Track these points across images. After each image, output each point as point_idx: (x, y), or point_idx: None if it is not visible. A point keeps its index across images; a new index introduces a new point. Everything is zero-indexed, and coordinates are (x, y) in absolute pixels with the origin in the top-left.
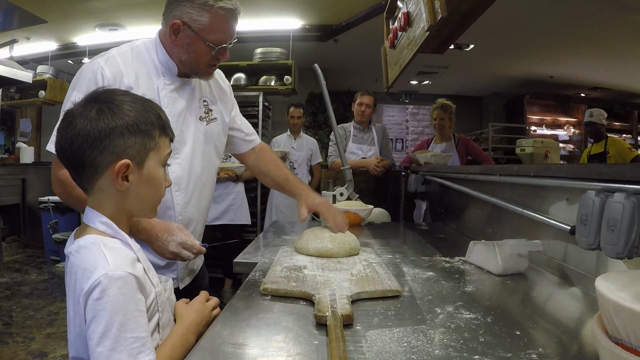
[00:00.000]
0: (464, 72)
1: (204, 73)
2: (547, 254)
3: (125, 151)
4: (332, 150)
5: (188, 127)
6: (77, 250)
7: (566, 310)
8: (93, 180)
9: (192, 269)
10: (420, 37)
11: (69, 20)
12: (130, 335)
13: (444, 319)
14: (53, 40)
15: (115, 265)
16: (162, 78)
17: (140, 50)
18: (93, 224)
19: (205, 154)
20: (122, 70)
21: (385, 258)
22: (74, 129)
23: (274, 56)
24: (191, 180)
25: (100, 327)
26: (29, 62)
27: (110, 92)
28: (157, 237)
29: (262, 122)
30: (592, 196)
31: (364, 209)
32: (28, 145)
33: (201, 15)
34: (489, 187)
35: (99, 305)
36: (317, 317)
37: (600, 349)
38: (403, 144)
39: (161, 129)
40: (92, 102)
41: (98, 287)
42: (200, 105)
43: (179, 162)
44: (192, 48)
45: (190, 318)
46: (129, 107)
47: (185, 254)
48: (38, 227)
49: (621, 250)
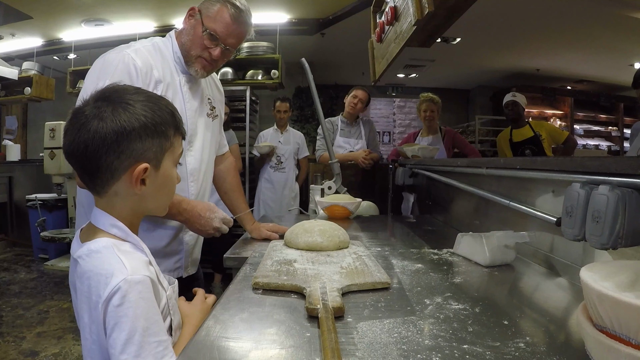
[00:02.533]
0: (451, 65)
1: (194, 63)
2: (533, 245)
3: (143, 154)
4: (320, 144)
5: (200, 122)
6: (89, 254)
7: (553, 300)
8: (108, 184)
9: (196, 258)
10: (407, 31)
11: (54, 15)
12: (154, 340)
13: (433, 310)
14: (38, 36)
15: (133, 269)
16: (181, 75)
17: (160, 46)
18: (104, 226)
19: (211, 148)
20: (151, 63)
21: (374, 251)
22: (87, 132)
23: (261, 50)
24: (202, 172)
25: (123, 334)
26: (14, 58)
27: (121, 90)
28: (199, 216)
29: (249, 117)
30: (577, 188)
31: (352, 202)
32: (14, 143)
33: (214, 5)
34: (476, 180)
35: (121, 312)
36: (309, 309)
37: (585, 336)
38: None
39: (175, 128)
40: (104, 102)
41: (118, 293)
42: (206, 103)
43: (193, 154)
44: (192, 31)
45: (197, 318)
46: (144, 106)
47: (224, 228)
48: (26, 225)
49: (606, 241)
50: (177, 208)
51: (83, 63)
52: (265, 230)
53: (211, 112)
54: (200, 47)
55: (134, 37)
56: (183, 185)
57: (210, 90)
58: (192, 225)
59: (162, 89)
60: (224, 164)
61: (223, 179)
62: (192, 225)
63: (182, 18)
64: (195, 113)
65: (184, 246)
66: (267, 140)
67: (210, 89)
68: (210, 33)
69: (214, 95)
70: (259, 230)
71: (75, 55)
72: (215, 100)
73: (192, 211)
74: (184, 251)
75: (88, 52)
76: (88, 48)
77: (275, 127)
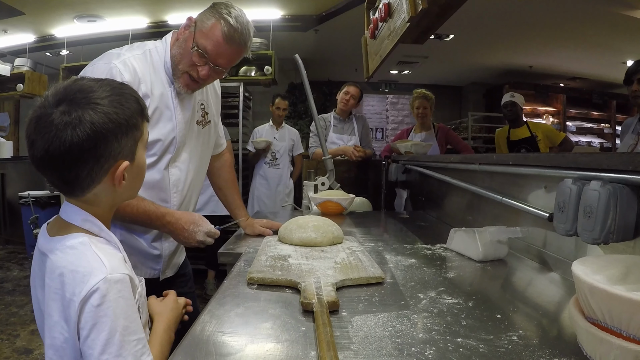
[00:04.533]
0: (444, 62)
1: (179, 78)
2: (526, 241)
3: (121, 152)
4: (313, 141)
5: (189, 132)
6: (62, 250)
7: (545, 294)
8: (89, 189)
9: (176, 263)
10: (400, 28)
11: (46, 11)
12: (133, 338)
13: (426, 304)
14: (30, 33)
15: (113, 267)
16: (172, 85)
17: (153, 54)
18: (75, 221)
19: (200, 157)
20: (139, 77)
21: (367, 246)
22: (63, 143)
23: (254, 46)
24: (187, 183)
25: (103, 335)
26: (6, 54)
27: (85, 88)
28: (183, 229)
29: (242, 113)
30: (569, 184)
31: (346, 198)
32: (6, 140)
33: (209, 19)
34: (469, 176)
35: (100, 312)
36: (304, 304)
37: (577, 329)
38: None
39: (142, 115)
40: (71, 105)
41: (97, 293)
42: (198, 109)
43: (178, 164)
44: (184, 44)
45: (169, 315)
46: (112, 102)
47: (209, 240)
48: (18, 223)
49: (597, 236)
50: (161, 221)
51: (76, 59)
52: (259, 226)
53: (202, 119)
54: (189, 63)
55: (127, 33)
56: (165, 195)
57: (204, 94)
58: (176, 237)
59: (150, 104)
60: (220, 161)
61: (218, 175)
62: (176, 237)
63: (176, 14)
64: (186, 125)
65: (162, 251)
66: (262, 136)
67: (204, 92)
68: (199, 50)
69: (209, 98)
70: (253, 226)
71: (67, 52)
72: (210, 104)
73: (175, 224)
74: (162, 256)
75: (81, 48)
76: (81, 44)
77: (271, 123)
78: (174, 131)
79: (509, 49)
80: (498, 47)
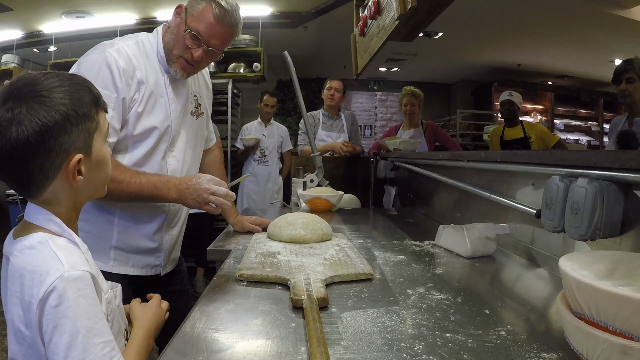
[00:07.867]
0: (433, 60)
1: (174, 63)
2: (514, 237)
3: (73, 145)
4: (302, 139)
5: (184, 121)
6: (21, 251)
7: (533, 290)
8: (44, 186)
9: (175, 257)
10: (390, 26)
11: (34, 7)
12: (99, 341)
13: (415, 300)
14: (18, 29)
15: (71, 264)
16: (165, 74)
17: (145, 45)
18: (38, 221)
19: (195, 147)
20: (134, 63)
21: (356, 243)
22: (9, 141)
23: (243, 43)
24: (183, 173)
25: (64, 337)
26: None
27: (31, 81)
28: (187, 186)
29: (231, 110)
30: (556, 181)
31: (334, 195)
32: None
33: (199, 4)
34: (457, 173)
35: (59, 313)
36: (294, 300)
37: (565, 324)
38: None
39: (97, 105)
40: (16, 100)
41: (54, 293)
42: (192, 100)
43: (174, 154)
44: (176, 29)
45: (150, 321)
46: (60, 93)
47: (218, 200)
48: (6, 221)
49: (584, 233)
50: (167, 185)
51: (64, 56)
52: (248, 223)
53: (196, 110)
54: (182, 47)
55: (116, 30)
56: None
57: (197, 85)
58: (185, 197)
59: (145, 91)
60: (210, 157)
61: (208, 171)
62: (185, 197)
63: (165, 11)
64: (180, 114)
65: (163, 245)
66: (251, 133)
67: (197, 84)
68: (192, 33)
69: (201, 91)
70: (242, 223)
71: (55, 48)
72: (202, 96)
73: (181, 182)
74: (163, 250)
75: (69, 45)
76: (69, 40)
77: (260, 120)
78: (169, 119)
79: (497, 47)
80: (487, 45)
